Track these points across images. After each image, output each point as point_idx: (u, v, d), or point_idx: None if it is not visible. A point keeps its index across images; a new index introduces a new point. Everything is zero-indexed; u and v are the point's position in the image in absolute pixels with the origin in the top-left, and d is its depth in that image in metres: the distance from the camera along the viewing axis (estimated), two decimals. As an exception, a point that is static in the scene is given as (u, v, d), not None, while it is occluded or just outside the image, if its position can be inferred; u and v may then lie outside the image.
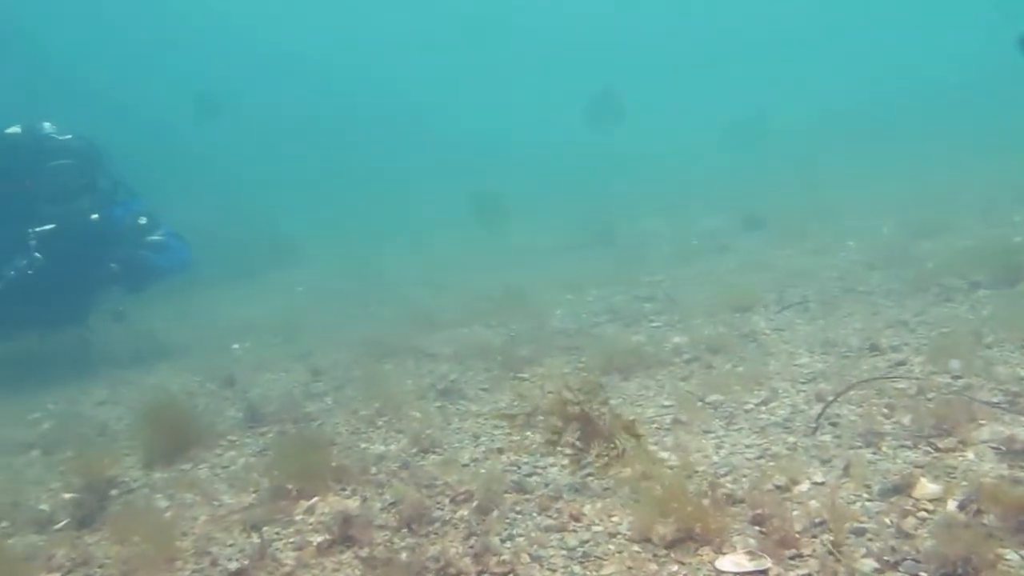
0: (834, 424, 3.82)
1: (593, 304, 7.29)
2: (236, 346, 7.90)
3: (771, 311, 6.04)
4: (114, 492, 4.20)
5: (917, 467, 3.24)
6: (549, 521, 3.21)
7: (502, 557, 2.93)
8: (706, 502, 3.11)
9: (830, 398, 4.05)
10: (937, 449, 3.40)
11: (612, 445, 3.44)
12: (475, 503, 3.43)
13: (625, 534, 3.02)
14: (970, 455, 3.29)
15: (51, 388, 7.11)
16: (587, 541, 3.01)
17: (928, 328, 5.11)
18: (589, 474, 3.46)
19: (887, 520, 2.86)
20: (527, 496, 3.46)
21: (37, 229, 7.32)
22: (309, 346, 7.24)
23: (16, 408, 6.48)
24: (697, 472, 3.51)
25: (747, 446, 3.73)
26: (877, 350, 4.78)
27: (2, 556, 3.42)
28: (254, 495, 3.84)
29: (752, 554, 2.77)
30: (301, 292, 11.15)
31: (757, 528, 2.92)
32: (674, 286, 7.60)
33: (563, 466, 3.52)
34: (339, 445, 4.46)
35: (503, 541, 3.08)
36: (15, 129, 7.64)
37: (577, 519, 3.21)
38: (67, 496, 4.11)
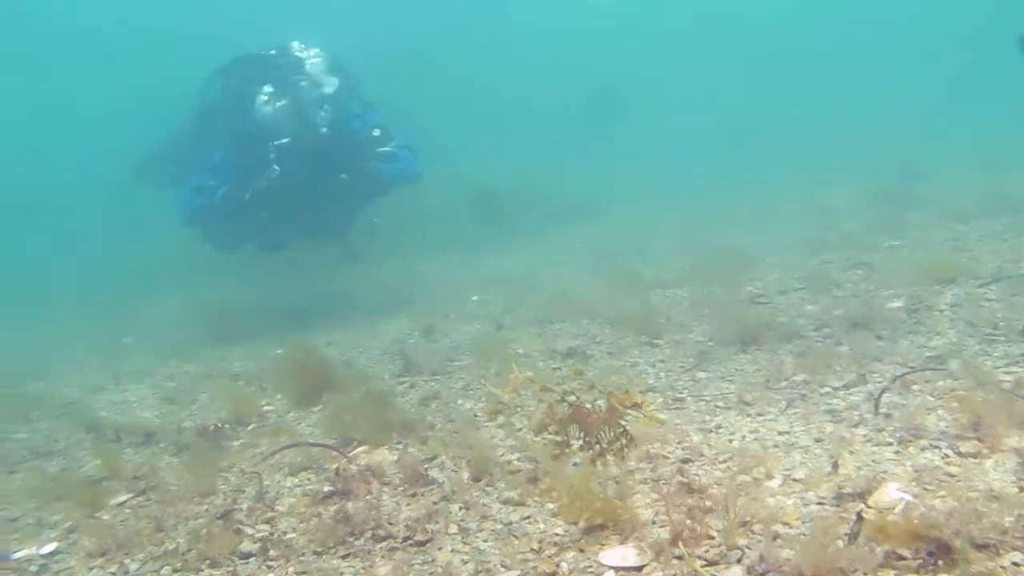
0: (888, 416, 3.39)
1: (811, 269, 6.78)
2: (475, 297, 8.38)
3: (973, 284, 5.29)
4: (252, 425, 4.84)
5: (922, 471, 2.84)
6: (513, 494, 3.25)
7: (433, 526, 3.04)
8: (667, 490, 3.00)
9: (883, 387, 3.59)
10: (957, 453, 2.93)
11: (621, 429, 3.30)
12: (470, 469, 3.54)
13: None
14: (988, 463, 2.81)
15: (317, 326, 8.07)
16: (526, 518, 3.02)
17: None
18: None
19: (811, 527, 2.58)
20: (524, 468, 3.51)
21: (275, 143, 7.94)
22: (521, 300, 7.53)
23: (270, 342, 7.46)
24: (701, 456, 3.33)
25: (778, 433, 3.46)
26: (1029, 336, 4.07)
27: (117, 471, 4.15)
28: (333, 440, 4.22)
29: (641, 549, 2.66)
30: (579, 247, 11.42)
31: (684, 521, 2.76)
32: (909, 251, 6.83)
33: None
34: (440, 400, 4.74)
35: (461, 509, 3.19)
36: (273, 51, 8.47)
37: (541, 496, 3.21)
38: (212, 426, 4.82)
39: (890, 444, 3.14)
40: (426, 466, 3.64)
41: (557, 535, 2.84)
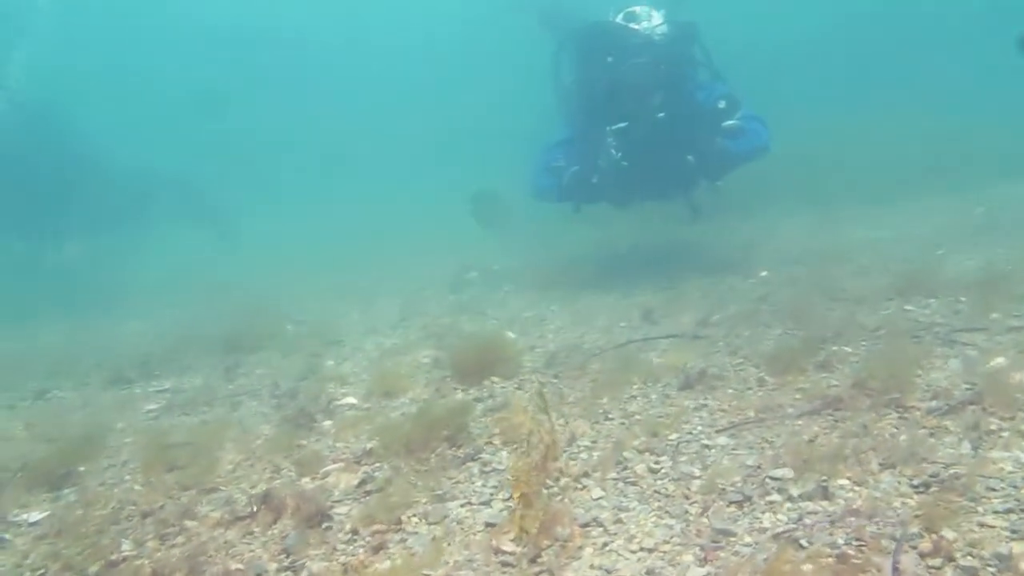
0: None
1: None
2: (764, 273, 7.79)
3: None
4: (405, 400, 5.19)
5: None
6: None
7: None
8: None
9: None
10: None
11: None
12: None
13: None
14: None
15: (604, 288, 8.21)
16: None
17: None
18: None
19: None
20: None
21: (613, 127, 8.00)
22: (786, 287, 6.86)
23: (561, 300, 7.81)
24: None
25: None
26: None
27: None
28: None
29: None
30: (979, 213, 9.77)
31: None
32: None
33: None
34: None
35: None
36: (619, 19, 8.29)
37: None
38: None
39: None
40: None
41: None
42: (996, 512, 2.79)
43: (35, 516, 3.89)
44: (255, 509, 3.61)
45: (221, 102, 14.22)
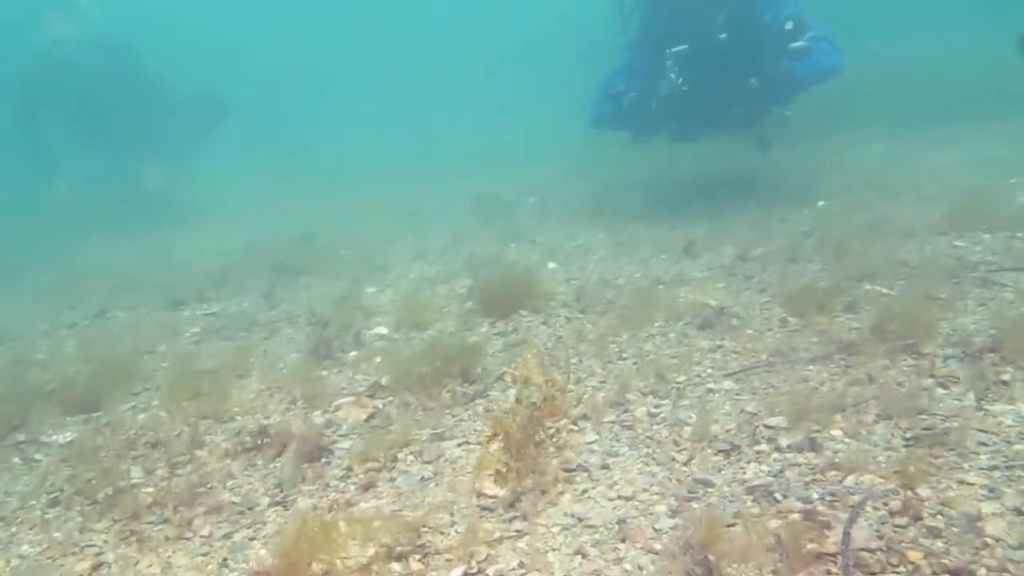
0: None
1: None
2: (821, 203, 7.52)
3: None
4: (431, 330, 5.28)
5: None
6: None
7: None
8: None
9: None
10: None
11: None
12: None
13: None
14: None
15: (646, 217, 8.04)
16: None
17: None
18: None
19: None
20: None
21: (672, 50, 7.64)
22: (837, 221, 6.62)
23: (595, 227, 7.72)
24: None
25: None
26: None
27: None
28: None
29: None
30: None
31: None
32: None
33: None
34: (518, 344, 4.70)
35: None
36: None
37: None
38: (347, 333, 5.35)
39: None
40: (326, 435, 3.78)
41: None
42: (980, 469, 2.70)
43: (65, 438, 4.07)
44: (260, 442, 3.72)
45: (222, 106, 14.35)
